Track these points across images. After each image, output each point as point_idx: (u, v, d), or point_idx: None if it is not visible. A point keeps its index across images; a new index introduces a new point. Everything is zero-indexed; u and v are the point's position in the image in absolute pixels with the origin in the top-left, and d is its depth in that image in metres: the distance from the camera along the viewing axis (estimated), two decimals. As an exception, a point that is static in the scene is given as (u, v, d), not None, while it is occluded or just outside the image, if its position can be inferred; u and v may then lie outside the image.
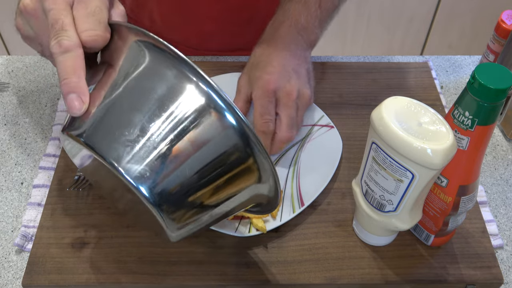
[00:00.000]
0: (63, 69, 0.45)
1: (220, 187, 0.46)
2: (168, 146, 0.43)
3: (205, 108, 0.44)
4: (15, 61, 0.85)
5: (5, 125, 0.75)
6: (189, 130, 0.44)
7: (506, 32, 0.77)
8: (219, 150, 0.45)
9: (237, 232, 0.60)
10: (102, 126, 0.44)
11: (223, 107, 0.44)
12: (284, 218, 0.61)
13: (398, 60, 0.85)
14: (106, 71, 0.47)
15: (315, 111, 0.72)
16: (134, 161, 0.43)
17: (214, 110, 0.44)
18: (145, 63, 0.45)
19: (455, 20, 1.78)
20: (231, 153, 0.45)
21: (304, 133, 0.71)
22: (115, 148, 0.43)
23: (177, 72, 0.44)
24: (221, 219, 0.50)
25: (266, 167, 0.47)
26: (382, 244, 0.61)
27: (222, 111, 0.44)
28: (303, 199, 0.63)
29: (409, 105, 0.50)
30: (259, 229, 0.60)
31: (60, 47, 0.45)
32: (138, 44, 0.46)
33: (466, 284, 0.59)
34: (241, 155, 0.46)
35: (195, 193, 0.45)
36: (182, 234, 0.47)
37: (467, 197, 0.54)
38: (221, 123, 0.44)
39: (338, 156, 0.67)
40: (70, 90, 0.45)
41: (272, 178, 0.48)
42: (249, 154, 0.46)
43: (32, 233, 0.63)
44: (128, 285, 0.58)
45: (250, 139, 0.45)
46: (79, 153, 0.48)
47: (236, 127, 0.44)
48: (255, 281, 0.58)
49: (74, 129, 0.45)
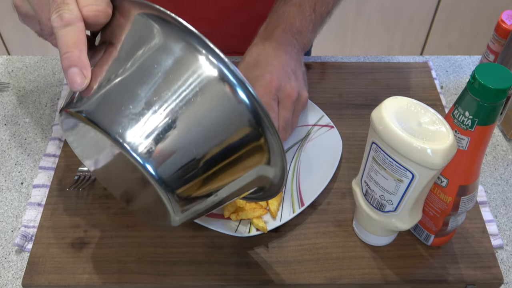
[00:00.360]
0: (64, 43, 0.43)
1: (227, 165, 0.44)
2: (175, 121, 0.41)
3: (215, 83, 0.41)
4: (15, 61, 0.85)
5: (5, 125, 0.75)
6: (198, 104, 0.41)
7: (506, 32, 0.77)
8: (229, 126, 0.42)
9: (237, 232, 0.60)
10: (105, 102, 0.41)
11: (235, 82, 0.42)
12: (284, 218, 0.61)
13: (398, 60, 0.85)
14: (107, 50, 0.45)
15: (315, 111, 0.72)
16: (139, 136, 0.40)
17: (225, 85, 0.41)
18: (150, 36, 0.43)
19: (455, 20, 1.78)
20: (241, 130, 0.43)
21: (304, 133, 0.71)
22: (119, 122, 0.40)
23: (185, 44, 0.42)
24: (224, 202, 0.48)
25: (276, 149, 0.45)
26: (382, 244, 0.61)
27: (234, 86, 0.42)
28: (303, 199, 0.63)
29: (409, 105, 0.50)
30: (259, 229, 0.60)
31: (61, 20, 0.43)
32: (142, 16, 0.44)
33: (466, 284, 0.59)
34: (252, 134, 0.43)
35: (202, 171, 0.42)
36: (185, 217, 0.45)
37: (467, 197, 0.54)
38: (233, 98, 0.42)
39: (338, 156, 0.67)
40: (71, 64, 0.43)
41: (280, 161, 0.46)
42: (260, 134, 0.44)
43: (32, 233, 0.63)
44: (128, 285, 0.58)
45: (262, 118, 0.43)
46: (79, 133, 0.45)
47: (249, 104, 0.42)
48: (255, 281, 0.58)
49: (74, 107, 0.43)
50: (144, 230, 0.62)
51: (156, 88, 0.41)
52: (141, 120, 0.40)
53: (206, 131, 0.42)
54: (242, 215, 0.60)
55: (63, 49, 0.43)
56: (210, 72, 0.42)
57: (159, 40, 0.43)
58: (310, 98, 0.74)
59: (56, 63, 0.85)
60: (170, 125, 0.41)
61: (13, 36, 1.73)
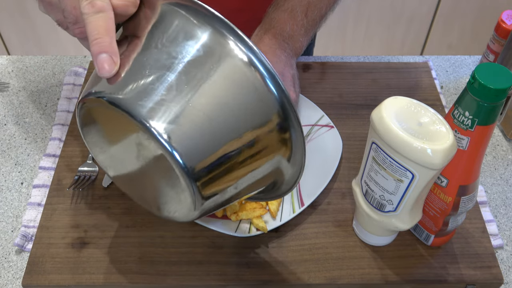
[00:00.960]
0: (94, 29, 0.43)
1: (251, 157, 0.43)
2: (205, 108, 0.40)
3: (246, 71, 0.41)
4: (15, 61, 0.85)
5: (5, 125, 0.75)
6: (227, 91, 0.41)
7: (506, 32, 0.77)
8: (256, 116, 0.42)
9: (237, 232, 0.60)
10: (133, 88, 0.40)
11: (265, 72, 0.41)
12: (284, 218, 0.61)
13: (398, 60, 0.85)
14: (131, 42, 0.44)
15: (315, 111, 0.72)
16: (167, 122, 0.39)
17: (256, 73, 0.41)
18: (177, 24, 0.42)
19: (455, 20, 1.78)
20: (267, 121, 0.43)
21: (304, 133, 0.71)
22: (147, 107, 0.39)
23: (213, 31, 0.41)
24: (240, 196, 0.47)
25: (298, 147, 0.45)
26: (382, 244, 0.61)
27: (264, 76, 0.41)
28: (303, 199, 0.63)
29: (409, 105, 0.50)
30: (259, 229, 0.60)
31: (92, 7, 0.43)
32: (167, 6, 0.43)
33: (466, 284, 0.59)
34: (278, 127, 0.43)
35: (226, 161, 0.42)
36: (203, 209, 0.44)
37: (467, 197, 0.54)
38: (263, 87, 0.42)
39: (338, 156, 0.67)
40: (101, 50, 0.42)
41: (300, 159, 0.46)
42: (285, 129, 0.44)
43: (32, 233, 0.63)
44: (128, 285, 0.58)
45: (289, 112, 0.43)
46: (101, 122, 0.44)
47: (277, 96, 0.42)
48: (255, 281, 0.58)
49: (99, 93, 0.42)
50: (144, 230, 0.62)
51: (185, 75, 0.41)
52: (170, 106, 0.40)
53: (234, 119, 0.41)
54: (242, 215, 0.60)
55: (93, 34, 0.43)
56: (241, 60, 0.41)
57: (187, 28, 0.42)
58: (310, 98, 0.74)
59: (56, 63, 0.85)
60: (199, 112, 0.40)
61: (13, 36, 1.73)
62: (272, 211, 0.61)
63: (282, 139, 0.44)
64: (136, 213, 0.64)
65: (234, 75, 0.41)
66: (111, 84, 0.42)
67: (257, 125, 0.42)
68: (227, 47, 0.42)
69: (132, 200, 0.64)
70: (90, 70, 0.81)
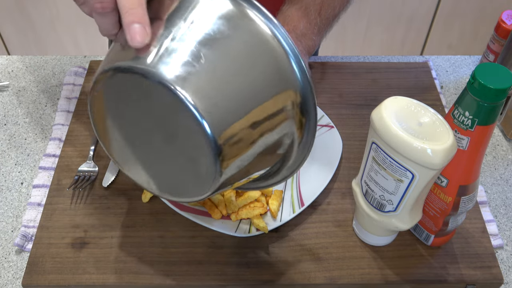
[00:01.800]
0: (128, 0, 0.42)
1: (268, 131, 0.44)
2: (232, 77, 0.41)
3: (273, 46, 0.43)
4: (15, 61, 0.85)
5: (5, 125, 0.75)
6: (253, 62, 0.43)
7: (506, 32, 0.77)
8: (279, 89, 0.44)
9: (237, 233, 0.60)
10: (159, 57, 0.41)
11: (290, 51, 0.43)
12: (284, 218, 0.61)
13: (398, 60, 0.85)
14: (155, 21, 0.45)
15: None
16: (199, 92, 0.40)
17: (281, 49, 0.43)
18: (202, 5, 0.43)
19: (455, 20, 1.78)
20: (287, 98, 0.44)
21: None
22: (178, 75, 0.40)
23: (241, 8, 0.43)
24: (251, 172, 0.48)
25: (310, 132, 0.46)
26: (382, 244, 0.61)
27: (288, 56, 0.43)
28: (303, 199, 0.63)
29: (409, 105, 0.50)
30: (260, 229, 0.60)
31: None
32: None
33: (466, 284, 0.59)
34: (296, 106, 0.45)
35: (246, 132, 0.43)
36: (219, 184, 0.45)
37: (467, 197, 0.54)
38: (287, 64, 0.43)
39: (338, 156, 0.67)
40: (135, 20, 0.42)
41: (309, 144, 0.47)
42: (302, 111, 0.45)
43: (32, 233, 0.63)
44: (128, 285, 0.58)
45: (309, 94, 0.44)
46: (124, 94, 0.44)
47: (300, 77, 0.44)
48: (255, 281, 0.58)
49: (118, 62, 0.42)
50: (144, 230, 0.62)
51: (212, 46, 0.41)
52: (199, 75, 0.40)
53: (257, 90, 0.42)
54: (242, 214, 0.60)
55: (127, 5, 0.42)
56: (266, 36, 0.43)
57: (210, 4, 0.43)
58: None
59: (56, 63, 0.85)
60: (227, 82, 0.41)
61: (13, 36, 1.73)
62: (273, 211, 0.61)
63: (298, 120, 0.45)
64: (136, 213, 0.64)
65: (263, 48, 0.43)
66: (141, 55, 0.42)
67: (279, 97, 0.44)
68: (253, 23, 0.43)
69: (132, 200, 0.65)
70: (90, 70, 0.81)
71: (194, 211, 0.62)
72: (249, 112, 0.42)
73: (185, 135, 0.43)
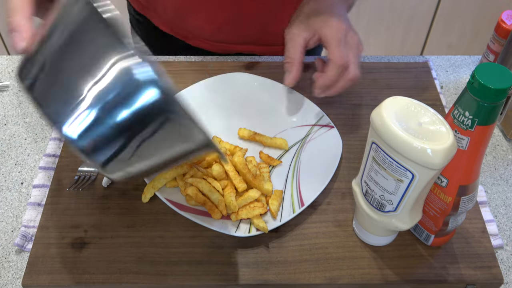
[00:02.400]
0: (9, 9, 0.48)
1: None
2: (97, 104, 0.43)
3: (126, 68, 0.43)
4: (15, 61, 0.85)
5: (5, 125, 0.75)
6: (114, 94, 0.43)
7: (506, 32, 0.77)
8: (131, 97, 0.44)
9: (237, 233, 0.60)
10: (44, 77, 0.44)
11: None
12: (284, 218, 0.61)
13: (398, 60, 0.85)
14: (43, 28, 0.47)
15: (315, 111, 0.73)
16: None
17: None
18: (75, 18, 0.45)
19: (455, 20, 1.78)
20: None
21: (304, 133, 0.71)
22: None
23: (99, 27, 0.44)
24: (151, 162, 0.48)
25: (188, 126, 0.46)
26: (382, 244, 0.61)
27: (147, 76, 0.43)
28: (303, 199, 0.63)
29: (409, 105, 0.50)
30: (260, 229, 0.60)
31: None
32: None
33: (466, 284, 0.59)
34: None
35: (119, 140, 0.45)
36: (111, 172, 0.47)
37: (467, 197, 0.54)
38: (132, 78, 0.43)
39: (338, 156, 0.67)
40: (12, 29, 0.47)
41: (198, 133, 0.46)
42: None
43: (32, 233, 0.63)
44: (128, 285, 0.58)
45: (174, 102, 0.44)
46: None
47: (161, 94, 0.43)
48: (255, 281, 0.58)
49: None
50: (144, 230, 0.62)
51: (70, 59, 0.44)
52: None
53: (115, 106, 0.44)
54: (242, 214, 0.60)
55: (7, 14, 0.48)
56: (122, 60, 0.43)
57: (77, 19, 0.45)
58: (310, 98, 0.74)
59: (56, 63, 0.85)
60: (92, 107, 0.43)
61: (13, 36, 1.73)
62: (273, 211, 0.61)
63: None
64: (136, 213, 0.64)
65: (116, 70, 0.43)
66: (27, 59, 0.46)
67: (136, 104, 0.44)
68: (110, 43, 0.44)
69: (132, 200, 0.65)
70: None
71: (194, 211, 0.62)
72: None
73: None
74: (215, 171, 0.62)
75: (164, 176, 0.63)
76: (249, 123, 0.72)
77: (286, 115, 0.74)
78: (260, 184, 0.63)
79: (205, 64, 0.82)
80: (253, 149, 0.70)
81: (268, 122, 0.73)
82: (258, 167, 0.65)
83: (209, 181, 0.62)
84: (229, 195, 0.61)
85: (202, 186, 0.62)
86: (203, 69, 0.81)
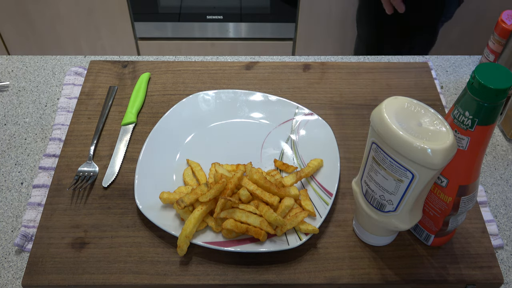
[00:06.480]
0: None
1: None
2: None
3: None
4: (15, 61, 0.85)
5: (5, 125, 0.75)
6: None
7: (506, 32, 0.77)
8: None
9: (291, 245, 0.59)
10: None
11: None
12: (322, 213, 0.61)
13: (398, 60, 0.85)
14: None
15: (287, 106, 0.73)
16: None
17: None
18: None
19: (455, 20, 1.78)
20: None
21: (289, 128, 0.72)
22: None
23: None
24: None
25: None
26: (382, 244, 0.61)
27: None
28: (327, 189, 0.64)
29: (409, 105, 0.50)
30: (310, 232, 0.59)
31: None
32: None
33: (466, 284, 0.59)
34: None
35: None
36: None
37: (467, 197, 0.54)
38: None
39: (333, 138, 0.68)
40: None
41: None
42: None
43: (32, 233, 0.63)
44: (128, 285, 0.58)
45: None
46: None
47: None
48: (255, 281, 0.58)
49: None
50: (144, 230, 0.62)
51: None
52: None
53: None
54: (287, 226, 0.59)
55: None
56: None
57: None
58: (310, 98, 0.74)
59: (56, 63, 0.85)
60: None
61: (13, 36, 1.73)
62: (310, 210, 0.61)
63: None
64: (136, 213, 0.64)
65: None
66: None
67: None
68: None
69: (132, 200, 0.65)
70: (90, 70, 0.81)
71: (238, 242, 0.60)
72: None
73: None
74: (244, 196, 0.60)
75: (192, 222, 0.59)
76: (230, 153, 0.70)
77: (265, 120, 0.74)
78: (286, 191, 0.62)
79: (205, 64, 0.82)
80: None
81: (249, 135, 0.72)
82: (271, 175, 0.65)
83: (241, 208, 0.60)
84: (269, 212, 0.59)
85: (237, 215, 0.59)
86: (203, 69, 0.81)
